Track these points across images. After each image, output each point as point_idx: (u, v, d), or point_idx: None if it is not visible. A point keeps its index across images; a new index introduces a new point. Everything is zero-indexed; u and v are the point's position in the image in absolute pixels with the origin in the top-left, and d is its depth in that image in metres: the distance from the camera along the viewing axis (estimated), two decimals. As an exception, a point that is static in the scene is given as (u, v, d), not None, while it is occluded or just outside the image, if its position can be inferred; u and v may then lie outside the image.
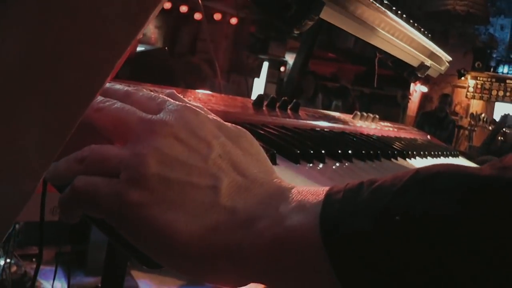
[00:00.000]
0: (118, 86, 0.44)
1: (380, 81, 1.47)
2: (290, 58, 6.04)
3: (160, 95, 0.44)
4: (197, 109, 0.41)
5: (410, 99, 5.94)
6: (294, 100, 0.90)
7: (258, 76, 5.44)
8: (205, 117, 0.41)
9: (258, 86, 5.63)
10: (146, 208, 0.35)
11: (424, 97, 7.15)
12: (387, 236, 0.31)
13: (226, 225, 0.36)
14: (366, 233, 0.32)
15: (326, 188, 0.37)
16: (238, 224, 0.36)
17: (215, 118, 0.42)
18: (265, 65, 5.80)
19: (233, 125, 0.43)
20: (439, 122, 5.37)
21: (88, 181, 0.37)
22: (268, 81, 5.96)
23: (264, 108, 0.82)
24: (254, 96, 0.85)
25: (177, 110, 0.40)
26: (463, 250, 0.29)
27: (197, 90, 0.76)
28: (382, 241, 0.31)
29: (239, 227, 0.36)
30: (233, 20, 5.47)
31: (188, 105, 0.41)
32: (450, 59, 1.44)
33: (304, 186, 0.40)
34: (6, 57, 0.25)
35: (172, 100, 0.42)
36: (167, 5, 4.86)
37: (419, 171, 0.34)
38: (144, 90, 0.44)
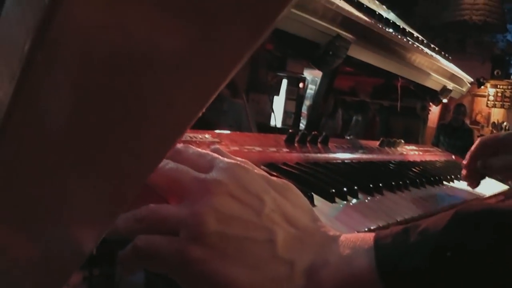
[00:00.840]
0: None
1: (404, 92, 1.49)
2: (308, 75, 6.06)
3: (208, 151, 0.47)
4: (246, 166, 0.44)
5: (430, 110, 5.91)
6: (324, 134, 0.93)
7: (278, 94, 5.46)
8: (254, 173, 0.44)
9: (278, 104, 5.64)
10: (208, 264, 0.39)
11: (444, 108, 7.10)
12: (442, 270, 0.36)
13: (286, 277, 0.40)
14: (422, 270, 0.37)
15: (372, 234, 0.41)
16: (298, 274, 0.40)
17: (262, 173, 0.46)
18: (284, 82, 5.82)
19: (279, 179, 0.47)
20: (455, 132, 5.37)
21: (149, 241, 0.40)
22: (287, 98, 5.98)
23: (295, 145, 0.86)
24: (275, 113, 0.88)
25: (229, 168, 0.43)
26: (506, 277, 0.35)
27: (230, 132, 0.80)
28: (438, 275, 0.36)
29: (300, 277, 0.39)
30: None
31: (236, 162, 0.44)
32: (471, 80, 1.46)
33: (349, 234, 0.44)
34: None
35: (221, 157, 0.45)
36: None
37: (457, 212, 0.40)
38: (192, 147, 0.47)
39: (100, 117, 0.27)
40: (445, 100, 1.37)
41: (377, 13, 0.96)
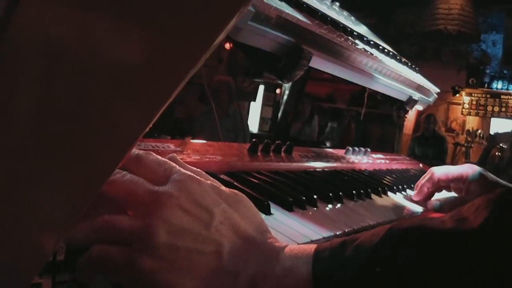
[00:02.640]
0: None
1: (374, 100, 1.52)
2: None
3: (167, 160, 0.49)
4: (199, 178, 0.46)
5: (406, 117, 5.99)
6: (288, 142, 0.95)
7: (254, 100, 5.49)
8: (206, 185, 0.46)
9: (255, 110, 5.67)
10: (158, 274, 0.41)
11: (420, 115, 7.19)
12: (371, 284, 0.40)
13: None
14: (353, 283, 0.40)
15: (314, 246, 0.44)
16: (242, 286, 0.42)
17: (214, 184, 0.47)
18: (261, 88, 5.85)
19: (231, 190, 0.48)
20: (427, 141, 5.53)
21: (103, 250, 0.42)
22: (264, 104, 6.01)
23: (259, 154, 0.87)
24: (251, 120, 0.90)
25: (181, 180, 0.45)
26: None
27: (194, 141, 0.81)
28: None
29: None
30: (227, 45, 5.51)
31: (190, 174, 0.46)
32: (438, 90, 1.49)
33: (295, 245, 0.46)
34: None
35: (177, 168, 0.47)
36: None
37: (392, 227, 0.43)
38: (153, 154, 0.49)
39: (55, 124, 0.29)
40: (420, 108, 1.41)
41: (341, 25, 0.98)
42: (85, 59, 0.27)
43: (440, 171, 0.96)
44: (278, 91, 6.17)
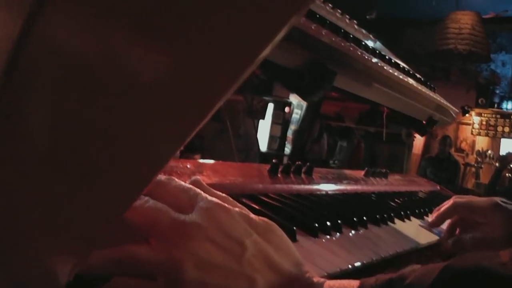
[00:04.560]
0: None
1: (386, 119, 1.49)
2: (294, 99, 6.08)
3: (191, 186, 0.45)
4: (227, 206, 0.42)
5: (415, 137, 5.94)
6: (308, 164, 0.92)
7: (263, 118, 5.46)
8: (235, 214, 0.42)
9: (264, 128, 5.64)
10: None
11: (429, 135, 7.16)
12: None
13: None
14: None
15: (357, 283, 0.41)
16: None
17: (244, 212, 0.44)
18: (270, 106, 5.83)
19: (261, 218, 0.45)
20: (441, 163, 5.43)
21: (125, 284, 0.38)
22: (273, 122, 5.98)
23: (279, 175, 0.84)
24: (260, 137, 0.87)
25: (209, 209, 0.41)
26: None
27: (214, 161, 0.78)
28: None
29: None
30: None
31: (218, 202, 0.42)
32: (457, 110, 1.46)
33: (334, 281, 0.42)
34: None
35: (203, 194, 0.43)
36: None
37: (447, 267, 0.38)
38: (175, 179, 0.45)
39: (75, 145, 0.26)
40: (430, 130, 1.37)
41: (363, 43, 0.95)
42: (106, 77, 0.24)
43: (463, 202, 0.91)
44: (287, 109, 6.16)
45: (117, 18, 0.23)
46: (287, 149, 2.52)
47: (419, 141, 7.12)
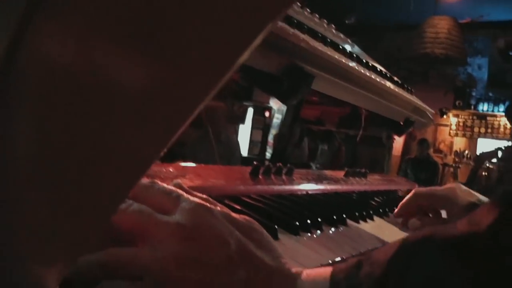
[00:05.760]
0: None
1: (365, 122, 1.52)
2: (274, 104, 6.11)
3: (173, 188, 0.47)
4: (209, 206, 0.44)
5: (395, 139, 6.02)
6: (288, 165, 0.94)
7: (243, 123, 5.48)
8: (218, 214, 0.44)
9: (244, 133, 5.65)
10: None
11: (408, 136, 7.24)
12: None
13: None
14: None
15: (330, 269, 0.44)
16: None
17: (225, 212, 0.45)
18: (250, 111, 5.85)
19: (243, 217, 0.47)
20: (420, 165, 5.55)
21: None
22: (254, 127, 6.00)
23: (260, 177, 0.86)
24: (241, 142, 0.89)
25: (191, 209, 0.42)
26: None
27: (196, 165, 0.79)
28: None
29: None
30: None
31: (200, 202, 0.44)
32: (433, 112, 1.49)
33: (310, 270, 0.45)
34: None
35: (185, 196, 0.45)
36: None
37: (405, 239, 0.43)
38: (158, 183, 0.47)
39: (61, 152, 0.27)
40: (407, 131, 1.40)
41: (341, 47, 0.98)
42: (90, 86, 0.26)
43: (424, 191, 0.96)
44: (267, 114, 6.19)
45: (100, 31, 0.24)
46: (268, 154, 2.55)
47: (398, 143, 7.19)
